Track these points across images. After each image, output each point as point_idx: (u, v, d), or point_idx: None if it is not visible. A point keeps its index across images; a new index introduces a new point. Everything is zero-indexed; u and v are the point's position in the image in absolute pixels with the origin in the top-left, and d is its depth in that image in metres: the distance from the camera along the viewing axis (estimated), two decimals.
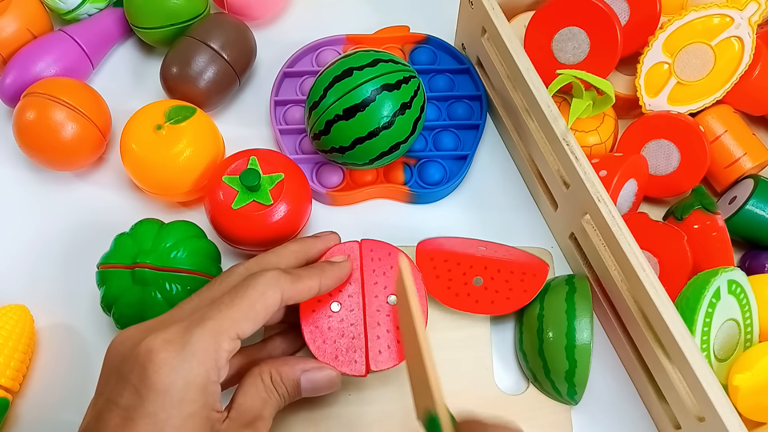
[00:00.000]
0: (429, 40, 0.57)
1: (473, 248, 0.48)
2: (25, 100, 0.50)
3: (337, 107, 0.45)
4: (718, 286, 0.41)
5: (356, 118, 0.45)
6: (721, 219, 0.46)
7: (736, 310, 0.43)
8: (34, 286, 0.49)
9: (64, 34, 0.54)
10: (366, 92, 0.45)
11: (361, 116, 0.45)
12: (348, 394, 0.45)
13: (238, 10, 0.57)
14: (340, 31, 0.58)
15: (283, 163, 0.47)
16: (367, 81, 0.45)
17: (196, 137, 0.48)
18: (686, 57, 0.50)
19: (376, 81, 0.45)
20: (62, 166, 0.52)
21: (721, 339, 0.42)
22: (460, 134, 0.54)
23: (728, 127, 0.51)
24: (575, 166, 0.43)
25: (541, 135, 0.48)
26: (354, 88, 0.45)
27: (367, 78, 0.45)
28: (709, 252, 0.46)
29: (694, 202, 0.47)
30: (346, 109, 0.45)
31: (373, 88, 0.45)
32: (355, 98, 0.45)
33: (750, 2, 0.48)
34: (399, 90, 0.46)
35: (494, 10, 0.47)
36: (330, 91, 0.46)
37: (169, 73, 0.52)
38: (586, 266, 0.48)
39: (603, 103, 0.49)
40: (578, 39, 0.50)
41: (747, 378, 0.40)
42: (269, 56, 0.58)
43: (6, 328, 0.44)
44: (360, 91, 0.45)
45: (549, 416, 0.45)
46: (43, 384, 0.46)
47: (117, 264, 0.43)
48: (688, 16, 0.49)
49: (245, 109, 0.57)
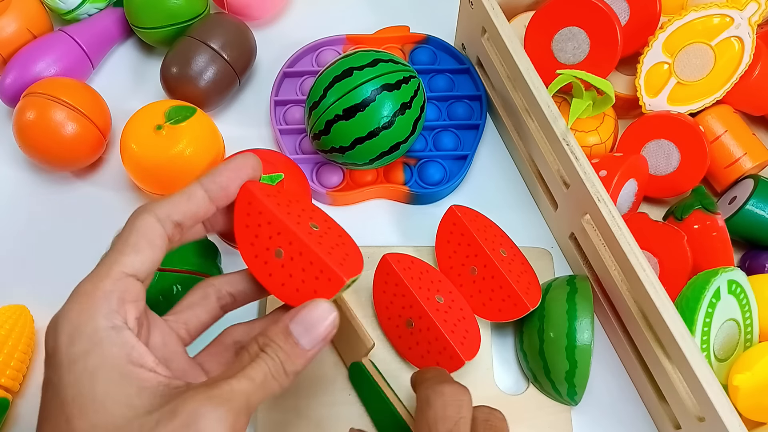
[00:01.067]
0: (429, 40, 0.57)
1: (431, 287, 0.46)
2: (25, 100, 0.50)
3: (337, 107, 0.45)
4: (718, 286, 0.41)
5: (356, 118, 0.45)
6: (721, 219, 0.46)
7: (736, 310, 0.43)
8: (34, 286, 0.49)
9: (64, 34, 0.54)
10: (366, 92, 0.45)
11: (361, 116, 0.45)
12: (348, 394, 0.45)
13: (238, 10, 0.57)
14: (340, 31, 0.58)
15: (283, 163, 0.47)
16: (367, 81, 0.45)
17: (196, 137, 0.48)
18: (686, 57, 0.50)
19: (376, 81, 0.45)
20: (62, 166, 0.52)
21: (721, 339, 0.42)
22: (460, 134, 0.54)
23: (728, 127, 0.51)
24: (575, 166, 0.43)
25: (541, 135, 0.48)
26: (354, 88, 0.45)
27: (367, 78, 0.45)
28: (709, 252, 0.46)
29: (694, 202, 0.47)
30: (346, 109, 0.45)
31: (373, 88, 0.45)
32: (355, 98, 0.45)
33: (750, 2, 0.48)
34: (399, 90, 0.46)
35: (494, 10, 0.47)
36: (330, 91, 0.46)
37: (169, 73, 0.52)
38: (586, 266, 0.48)
39: (603, 103, 0.49)
40: (578, 39, 0.50)
41: (747, 378, 0.40)
42: (269, 56, 0.58)
43: (6, 328, 0.44)
44: (360, 91, 0.45)
45: (549, 416, 0.45)
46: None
47: None
48: (688, 16, 0.49)
49: (245, 109, 0.57)
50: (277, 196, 0.35)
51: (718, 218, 0.46)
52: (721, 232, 0.46)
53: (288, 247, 0.33)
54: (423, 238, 0.51)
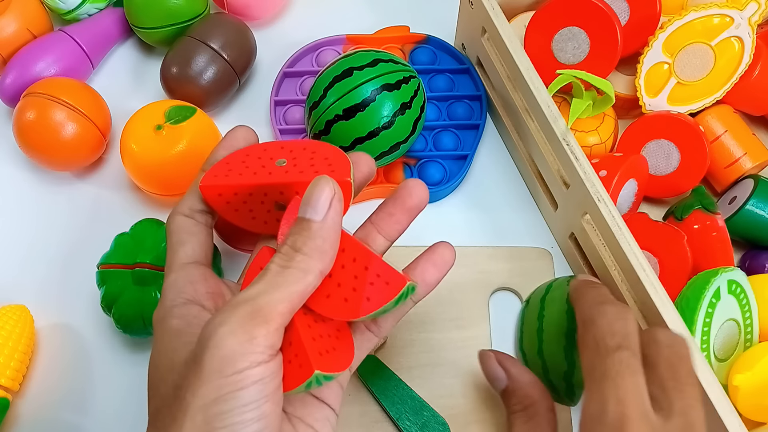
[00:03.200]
0: (429, 40, 0.57)
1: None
2: (25, 100, 0.50)
3: (337, 107, 0.45)
4: (718, 286, 0.41)
5: (356, 118, 0.45)
6: (721, 219, 0.46)
7: (736, 310, 0.43)
8: (34, 286, 0.49)
9: (64, 34, 0.54)
10: (366, 92, 0.45)
11: (361, 116, 0.45)
12: (348, 394, 0.45)
13: (238, 10, 0.57)
14: (340, 31, 0.58)
15: None
16: (367, 81, 0.45)
17: (196, 137, 0.48)
18: (686, 57, 0.50)
19: (376, 81, 0.45)
20: (62, 166, 0.52)
21: (721, 339, 0.42)
22: (460, 134, 0.54)
23: (728, 127, 0.51)
24: (575, 166, 0.43)
25: (541, 135, 0.48)
26: (354, 88, 0.45)
27: (367, 78, 0.45)
28: (709, 252, 0.46)
29: (694, 202, 0.47)
30: (346, 109, 0.45)
31: (373, 88, 0.45)
32: (355, 98, 0.45)
33: (750, 2, 0.48)
34: (399, 90, 0.46)
35: (494, 10, 0.47)
36: (330, 91, 0.46)
37: (169, 73, 0.52)
38: (586, 266, 0.48)
39: (603, 103, 0.49)
40: (578, 39, 0.50)
41: (747, 378, 0.40)
42: (269, 56, 0.58)
43: (6, 328, 0.44)
44: (360, 91, 0.45)
45: None
46: (43, 384, 0.46)
47: (117, 264, 0.43)
48: (688, 16, 0.49)
49: (245, 109, 0.57)
50: (231, 168, 0.36)
51: (718, 218, 0.46)
52: (721, 232, 0.46)
53: (281, 197, 0.34)
54: (423, 239, 0.51)
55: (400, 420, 0.44)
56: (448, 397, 0.45)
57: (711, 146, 0.50)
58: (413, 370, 0.46)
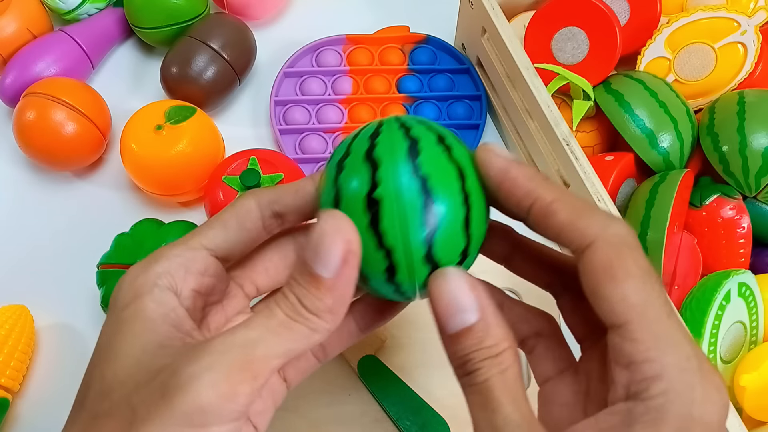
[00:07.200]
0: (429, 40, 0.57)
1: None
2: (25, 100, 0.50)
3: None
4: (728, 289, 0.41)
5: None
6: (747, 218, 0.45)
7: (743, 313, 0.43)
8: (34, 286, 0.49)
9: (64, 34, 0.54)
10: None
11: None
12: (348, 394, 0.45)
13: (238, 10, 0.57)
14: (340, 31, 0.58)
15: (283, 163, 0.47)
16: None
17: (196, 137, 0.48)
18: (687, 56, 0.50)
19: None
20: (62, 166, 0.52)
21: (728, 341, 0.42)
22: (460, 134, 0.54)
23: None
24: (575, 166, 0.43)
25: (541, 135, 0.48)
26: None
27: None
28: (728, 248, 0.45)
29: (714, 189, 0.46)
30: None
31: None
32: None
33: (760, 10, 0.47)
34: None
35: (494, 10, 0.47)
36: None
37: (169, 73, 0.52)
38: None
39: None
40: (578, 39, 0.50)
41: (753, 378, 0.40)
42: (269, 56, 0.58)
43: (6, 328, 0.44)
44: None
45: None
46: (43, 384, 0.46)
47: (117, 264, 0.43)
48: (695, 14, 0.48)
49: (245, 109, 0.57)
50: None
51: (739, 204, 0.44)
52: (746, 231, 0.45)
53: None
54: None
55: (400, 420, 0.43)
56: (448, 397, 0.45)
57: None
58: (413, 370, 0.46)
